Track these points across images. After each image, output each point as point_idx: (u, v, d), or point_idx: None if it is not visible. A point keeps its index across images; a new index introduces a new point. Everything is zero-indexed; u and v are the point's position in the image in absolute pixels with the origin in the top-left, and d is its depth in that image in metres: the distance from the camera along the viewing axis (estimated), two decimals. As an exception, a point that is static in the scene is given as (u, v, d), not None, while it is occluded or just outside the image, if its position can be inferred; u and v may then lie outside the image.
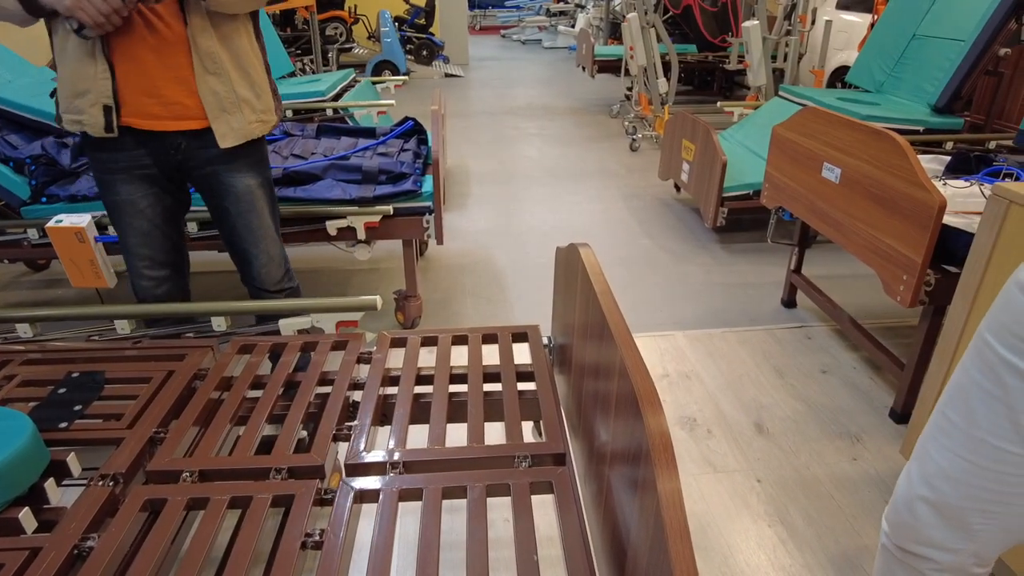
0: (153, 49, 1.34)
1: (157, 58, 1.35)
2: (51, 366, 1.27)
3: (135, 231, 1.52)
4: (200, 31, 1.35)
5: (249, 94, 1.45)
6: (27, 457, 0.93)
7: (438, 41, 8.72)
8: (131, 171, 1.46)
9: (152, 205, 1.50)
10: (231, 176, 1.49)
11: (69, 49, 1.34)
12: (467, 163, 4.66)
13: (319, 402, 1.16)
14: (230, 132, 1.43)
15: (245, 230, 1.54)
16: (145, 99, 1.37)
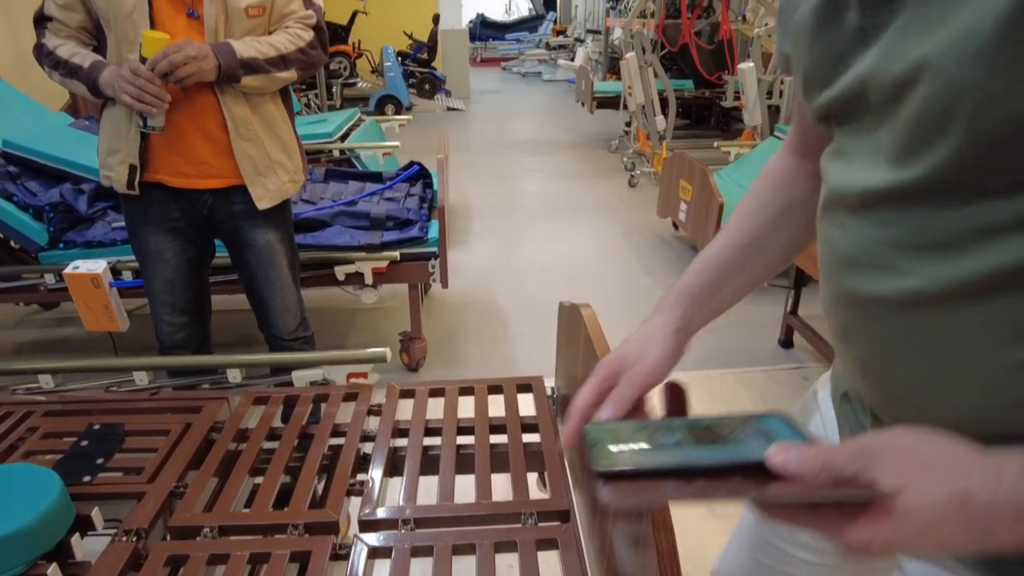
0: (187, 113, 1.45)
1: (190, 121, 1.46)
2: (72, 418, 1.31)
3: (160, 279, 1.63)
4: (233, 100, 1.46)
5: (282, 156, 1.56)
6: (56, 514, 0.97)
7: (440, 75, 8.91)
8: (160, 223, 1.57)
9: (177, 255, 1.61)
10: (253, 231, 1.59)
11: (110, 113, 1.48)
12: (468, 197, 4.74)
13: (331, 453, 1.20)
14: (267, 194, 1.54)
15: (264, 281, 1.63)
16: (176, 159, 1.48)
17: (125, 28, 1.41)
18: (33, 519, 0.92)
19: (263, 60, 1.45)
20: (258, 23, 1.48)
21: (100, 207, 2.38)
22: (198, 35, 1.44)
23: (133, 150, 1.46)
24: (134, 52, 1.40)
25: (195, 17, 1.44)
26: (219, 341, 2.74)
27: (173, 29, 1.41)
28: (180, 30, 1.42)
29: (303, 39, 1.53)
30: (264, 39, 1.48)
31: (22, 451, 1.20)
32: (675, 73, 6.68)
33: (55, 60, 1.46)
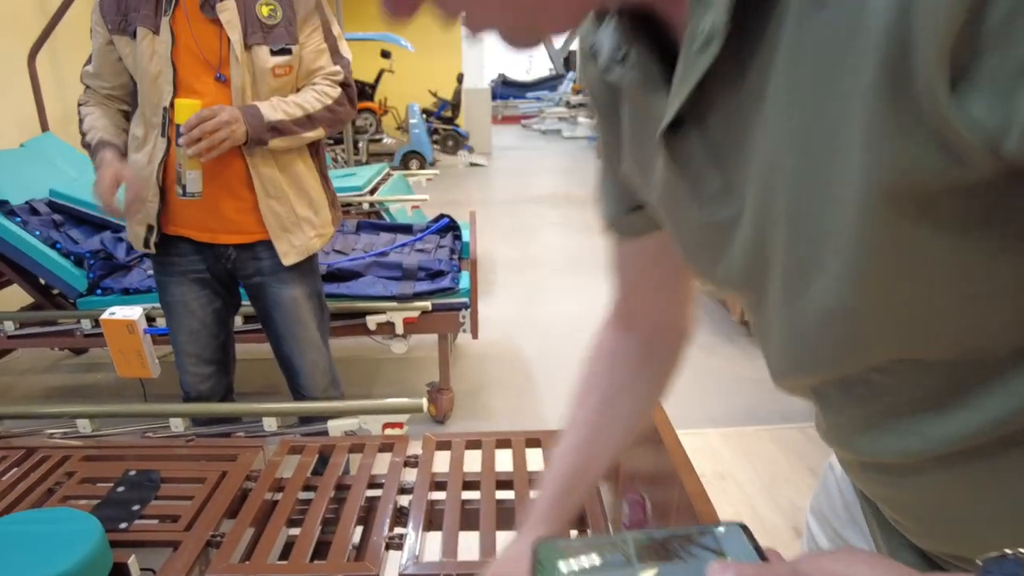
0: (213, 172, 1.47)
1: (216, 180, 1.48)
2: (109, 463, 1.31)
3: (185, 330, 1.64)
4: (261, 160, 1.48)
5: (308, 212, 1.56)
6: (95, 561, 0.96)
7: (463, 132, 9.14)
8: (186, 275, 1.58)
9: (203, 307, 1.61)
10: (279, 287, 1.59)
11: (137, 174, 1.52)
12: (492, 251, 4.79)
13: (368, 505, 1.18)
14: (292, 250, 1.54)
15: (291, 339, 1.62)
16: (201, 214, 1.51)
17: (150, 92, 1.44)
18: (74, 565, 0.91)
19: (290, 121, 1.46)
20: (285, 82, 1.49)
21: (137, 255, 2.43)
22: (225, 97, 1.46)
23: (152, 212, 1.49)
24: (158, 115, 1.44)
25: (222, 81, 1.45)
26: (246, 390, 2.75)
27: (200, 92, 1.44)
28: (207, 93, 1.44)
29: (330, 96, 1.53)
30: (291, 99, 1.49)
31: (59, 495, 1.19)
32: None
33: (81, 130, 1.53)
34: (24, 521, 1.00)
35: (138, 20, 1.41)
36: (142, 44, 1.41)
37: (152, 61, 1.42)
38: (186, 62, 1.44)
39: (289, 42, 1.46)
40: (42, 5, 3.61)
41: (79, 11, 3.68)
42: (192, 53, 1.43)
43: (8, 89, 3.30)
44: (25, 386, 2.78)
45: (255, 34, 1.43)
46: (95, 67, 1.53)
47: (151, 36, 1.41)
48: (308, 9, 1.49)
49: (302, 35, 1.49)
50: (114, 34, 1.44)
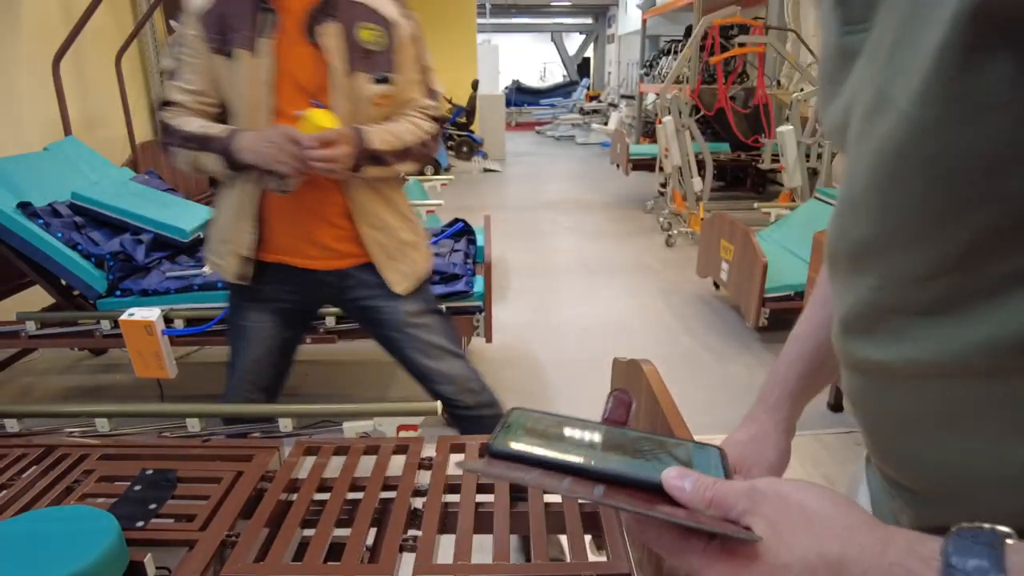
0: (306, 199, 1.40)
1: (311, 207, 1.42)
2: (126, 462, 1.32)
3: (250, 356, 1.55)
4: (357, 190, 1.42)
5: (411, 236, 1.51)
6: (112, 559, 0.96)
7: (477, 138, 9.17)
8: (267, 303, 1.51)
9: (274, 336, 1.54)
10: (389, 306, 1.51)
11: (226, 201, 1.45)
12: (505, 256, 4.79)
13: (382, 507, 1.18)
14: (402, 278, 1.49)
15: (419, 355, 1.54)
16: (299, 242, 1.44)
17: (248, 119, 1.37)
18: (91, 563, 0.92)
19: (389, 152, 1.38)
20: (383, 112, 1.42)
21: (156, 257, 2.46)
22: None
23: (246, 243, 1.42)
24: None
25: (319, 108, 1.36)
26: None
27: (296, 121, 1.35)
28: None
29: (425, 131, 1.46)
30: (392, 129, 1.40)
31: (78, 493, 1.20)
32: (711, 137, 6.77)
33: (185, 135, 1.38)
34: (43, 519, 1.01)
35: (236, 41, 1.33)
36: (240, 67, 1.33)
37: (251, 86, 1.34)
38: (284, 88, 1.36)
39: (389, 70, 1.40)
40: (67, 13, 3.67)
41: (102, 18, 3.74)
42: (291, 78, 1.36)
43: (33, 94, 3.36)
44: (45, 386, 2.82)
45: (357, 60, 1.36)
46: (193, 83, 1.41)
47: (249, 58, 1.33)
48: (405, 38, 1.43)
49: (399, 64, 1.42)
50: (212, 54, 1.36)
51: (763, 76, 6.03)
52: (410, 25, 1.42)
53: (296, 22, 1.34)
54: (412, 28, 1.42)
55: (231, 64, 1.34)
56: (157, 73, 4.52)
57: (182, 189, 3.59)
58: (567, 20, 19.13)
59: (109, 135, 3.99)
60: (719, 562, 0.39)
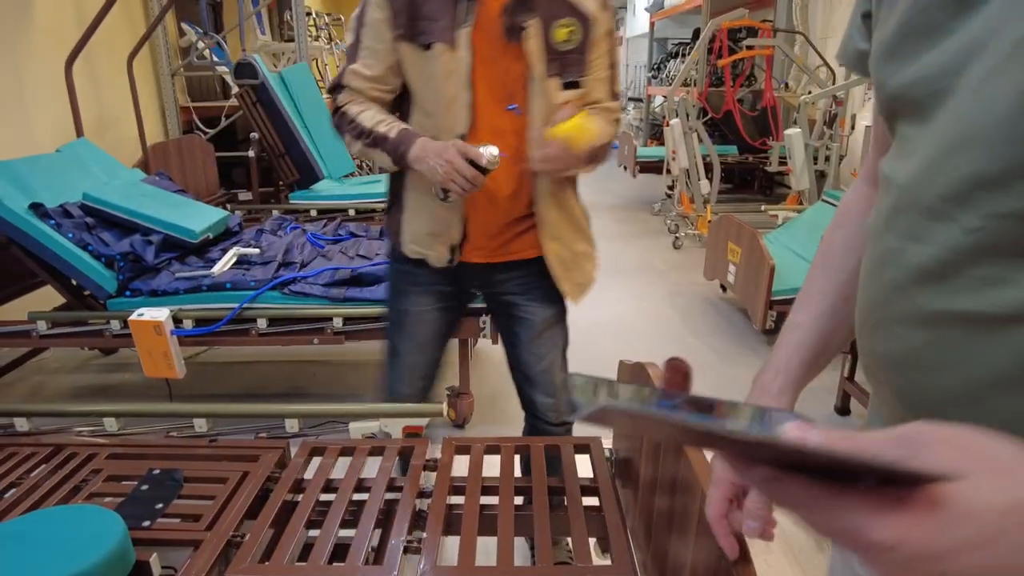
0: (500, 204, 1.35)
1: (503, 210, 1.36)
2: (133, 461, 1.33)
3: (414, 340, 1.50)
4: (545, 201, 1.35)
5: (584, 246, 1.45)
6: (117, 559, 0.97)
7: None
8: (430, 286, 1.45)
9: (437, 319, 1.48)
10: (531, 305, 1.46)
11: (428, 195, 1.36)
12: (513, 258, 4.79)
13: (386, 508, 1.19)
14: (576, 288, 1.44)
15: (534, 359, 1.50)
16: (484, 240, 1.39)
17: (443, 117, 1.27)
18: (96, 562, 0.93)
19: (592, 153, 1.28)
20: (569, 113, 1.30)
21: (165, 258, 2.48)
22: (519, 133, 1.28)
23: (457, 234, 1.36)
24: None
25: (515, 113, 1.27)
26: (271, 391, 2.78)
27: (495, 124, 1.28)
28: (503, 126, 1.28)
29: (610, 135, 1.36)
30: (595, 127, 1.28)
31: (86, 492, 1.21)
32: (718, 140, 6.75)
33: (358, 129, 1.30)
34: (51, 517, 1.02)
35: (435, 33, 1.23)
36: (438, 60, 1.23)
37: (449, 81, 1.24)
38: (482, 88, 1.25)
39: (581, 72, 1.28)
40: (79, 15, 3.71)
41: (114, 21, 3.77)
42: (489, 78, 1.25)
43: (46, 96, 3.39)
44: (55, 385, 2.84)
45: (551, 63, 1.24)
46: (373, 68, 1.30)
47: (448, 52, 1.22)
48: (601, 34, 1.28)
49: (590, 65, 1.29)
50: (399, 40, 1.26)
51: (771, 79, 6.01)
52: (606, 18, 1.28)
53: (493, 14, 1.22)
54: (608, 21, 1.28)
55: (425, 56, 1.24)
56: (169, 75, 4.55)
57: (192, 190, 3.62)
58: (576, 22, 19.06)
59: (120, 136, 4.02)
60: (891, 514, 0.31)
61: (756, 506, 0.57)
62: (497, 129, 1.27)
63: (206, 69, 4.82)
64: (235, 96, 3.98)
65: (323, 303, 2.24)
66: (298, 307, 2.25)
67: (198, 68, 4.78)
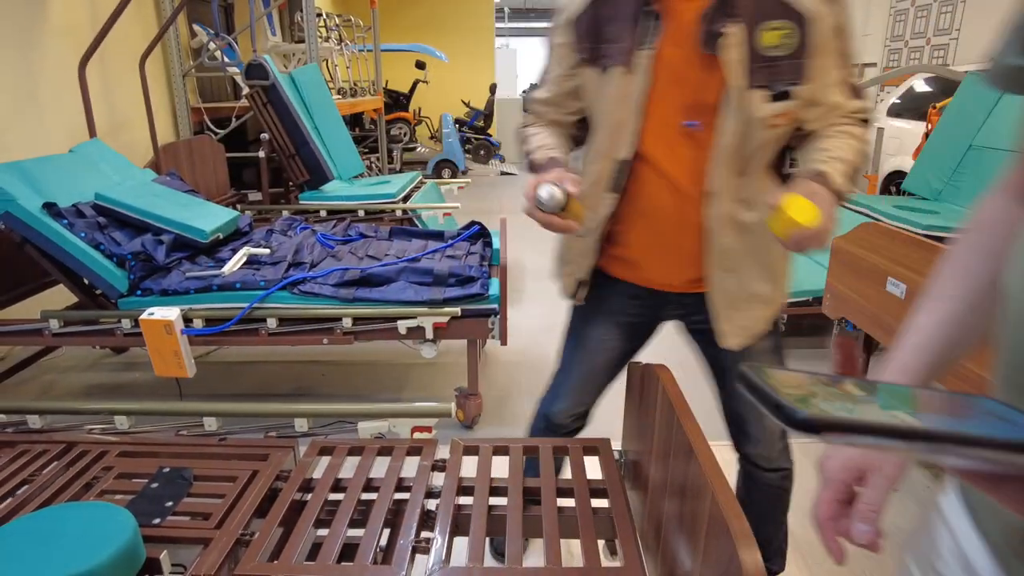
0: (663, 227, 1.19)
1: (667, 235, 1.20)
2: (144, 459, 1.34)
3: (586, 367, 1.38)
4: (720, 224, 1.15)
5: (763, 287, 1.21)
6: (128, 556, 0.97)
7: (495, 142, 9.19)
8: (615, 315, 1.32)
9: (614, 348, 1.35)
10: None
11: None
12: (521, 259, 4.79)
13: (395, 508, 1.19)
14: (734, 331, 1.23)
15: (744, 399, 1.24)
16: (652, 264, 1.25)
17: (605, 140, 1.17)
18: (108, 559, 0.93)
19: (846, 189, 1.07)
20: (777, 134, 1.13)
21: (176, 257, 2.49)
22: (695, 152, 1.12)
23: (584, 267, 1.26)
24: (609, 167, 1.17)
25: (695, 130, 1.11)
26: (280, 391, 2.79)
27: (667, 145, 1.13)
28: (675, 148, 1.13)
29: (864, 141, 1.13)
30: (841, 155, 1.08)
31: (97, 490, 1.22)
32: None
33: (524, 150, 1.25)
34: (63, 514, 1.03)
35: (614, 55, 1.12)
36: (614, 85, 1.13)
37: (617, 105, 1.14)
38: (656, 110, 1.12)
39: (795, 81, 1.08)
40: (93, 17, 3.74)
41: (127, 22, 3.80)
42: (667, 97, 1.12)
43: (60, 97, 3.42)
44: (67, 383, 2.86)
45: (756, 72, 1.07)
46: (551, 94, 1.25)
47: (623, 75, 1.12)
48: (826, 33, 1.08)
49: (812, 71, 1.08)
50: (582, 65, 1.17)
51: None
52: (833, 13, 1.08)
53: (684, 27, 1.09)
54: (836, 16, 1.09)
55: (602, 79, 1.15)
56: (180, 76, 4.58)
57: (203, 191, 3.64)
58: (585, 24, 19.07)
59: (132, 137, 4.05)
60: None
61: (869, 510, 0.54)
62: (670, 150, 1.13)
63: (217, 70, 4.86)
64: (246, 97, 4.00)
65: (333, 303, 2.25)
66: (308, 307, 2.25)
67: (209, 69, 4.81)
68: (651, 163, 1.15)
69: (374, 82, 7.33)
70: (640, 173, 1.16)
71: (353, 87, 6.56)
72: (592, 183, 1.20)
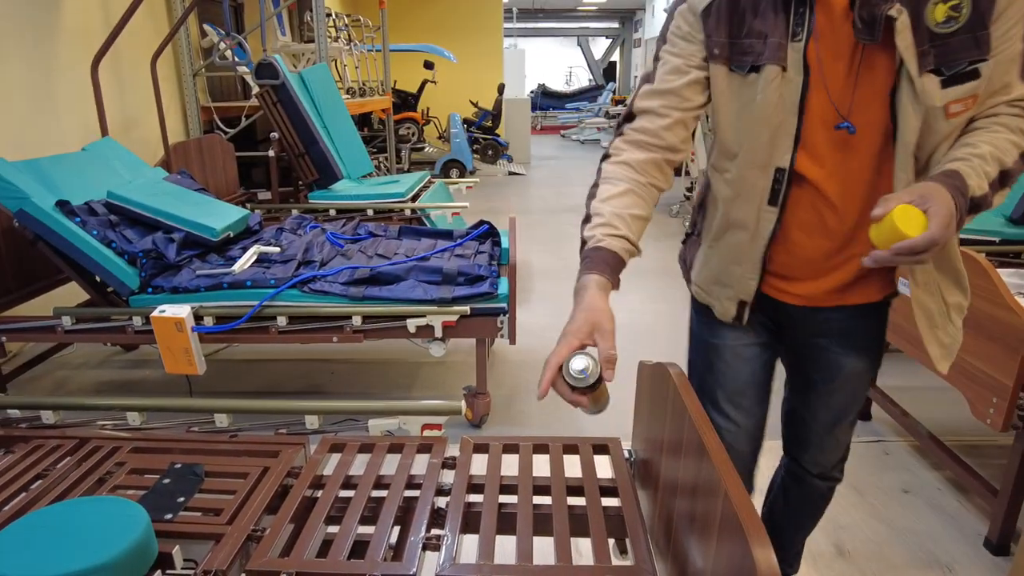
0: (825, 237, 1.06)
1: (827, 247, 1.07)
2: (156, 455, 1.35)
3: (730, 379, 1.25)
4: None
5: (958, 297, 1.11)
6: (141, 550, 0.98)
7: (503, 142, 9.19)
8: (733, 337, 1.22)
9: (755, 356, 1.23)
10: (843, 356, 1.19)
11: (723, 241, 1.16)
12: (529, 259, 4.79)
13: (405, 505, 1.19)
14: (943, 351, 1.11)
15: (823, 409, 1.25)
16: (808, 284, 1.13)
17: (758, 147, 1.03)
18: (121, 553, 0.94)
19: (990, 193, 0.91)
20: (958, 124, 0.95)
21: (187, 255, 2.50)
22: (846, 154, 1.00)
23: (749, 290, 1.14)
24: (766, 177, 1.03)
25: (847, 132, 0.98)
26: (289, 388, 2.80)
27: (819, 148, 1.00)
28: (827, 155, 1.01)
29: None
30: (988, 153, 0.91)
31: (110, 485, 1.23)
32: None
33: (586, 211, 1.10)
34: (77, 508, 1.04)
35: (764, 52, 0.97)
36: (767, 86, 0.98)
37: (777, 109, 0.99)
38: (813, 106, 0.98)
39: (978, 55, 0.90)
40: (106, 17, 3.77)
41: (139, 21, 3.83)
42: (816, 97, 0.98)
43: (73, 96, 3.45)
44: (80, 379, 2.89)
45: (927, 55, 0.90)
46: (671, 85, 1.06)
47: (779, 77, 0.97)
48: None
49: (997, 36, 0.90)
50: (714, 62, 1.03)
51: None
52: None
53: (839, 12, 0.94)
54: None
55: (746, 82, 1.01)
56: (191, 75, 4.61)
57: (213, 189, 3.66)
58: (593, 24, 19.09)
59: (143, 136, 4.08)
60: None
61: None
62: (822, 157, 1.01)
63: (227, 69, 4.88)
64: (255, 96, 4.02)
65: (342, 301, 2.25)
66: (317, 305, 2.26)
67: (219, 68, 4.84)
68: (802, 172, 1.03)
69: (383, 82, 7.35)
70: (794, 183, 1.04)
71: (362, 87, 6.57)
72: (743, 197, 1.07)
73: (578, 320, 0.94)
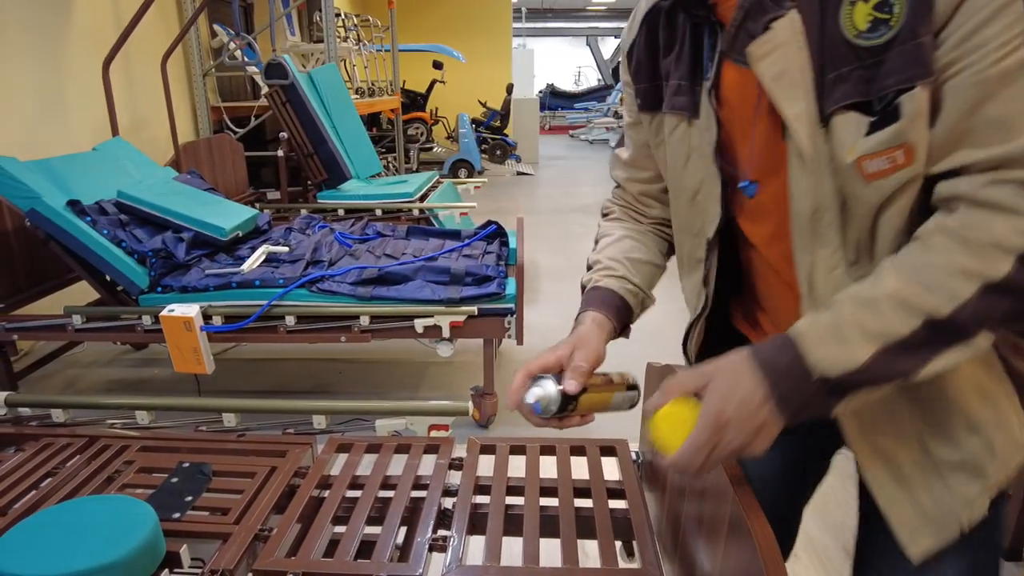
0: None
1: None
2: (164, 454, 1.35)
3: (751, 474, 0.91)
4: None
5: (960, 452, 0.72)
6: (149, 549, 0.98)
7: (511, 142, 9.20)
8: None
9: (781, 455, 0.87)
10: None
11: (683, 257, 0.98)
12: (537, 259, 4.79)
13: (412, 506, 1.19)
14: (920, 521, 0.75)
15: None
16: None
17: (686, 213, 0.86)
18: (129, 552, 0.94)
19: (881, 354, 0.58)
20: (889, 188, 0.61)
21: (196, 255, 2.52)
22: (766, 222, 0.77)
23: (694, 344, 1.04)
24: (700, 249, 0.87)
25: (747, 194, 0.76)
26: (297, 388, 2.81)
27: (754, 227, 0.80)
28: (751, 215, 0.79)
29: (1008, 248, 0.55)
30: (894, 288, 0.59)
31: (119, 483, 1.23)
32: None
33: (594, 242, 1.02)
34: (86, 507, 1.04)
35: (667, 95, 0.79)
36: (671, 137, 0.81)
37: (687, 166, 0.80)
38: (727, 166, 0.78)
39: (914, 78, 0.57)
40: (117, 18, 3.80)
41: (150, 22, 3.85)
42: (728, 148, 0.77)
43: (84, 96, 3.48)
44: (89, 378, 2.91)
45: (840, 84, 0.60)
46: (627, 150, 0.95)
47: (684, 124, 0.79)
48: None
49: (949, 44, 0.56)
50: (641, 110, 0.86)
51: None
52: None
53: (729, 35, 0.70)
54: None
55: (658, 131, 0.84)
56: (200, 75, 4.64)
57: (222, 189, 3.68)
58: (602, 24, 19.07)
59: (153, 136, 4.11)
60: None
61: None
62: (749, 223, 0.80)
63: (237, 70, 4.91)
64: (265, 96, 4.04)
65: (350, 301, 2.26)
66: (325, 305, 2.27)
67: (229, 68, 4.86)
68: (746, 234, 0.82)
69: (392, 82, 7.37)
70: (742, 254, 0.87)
71: (371, 87, 6.59)
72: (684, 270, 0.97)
73: (560, 345, 0.83)
